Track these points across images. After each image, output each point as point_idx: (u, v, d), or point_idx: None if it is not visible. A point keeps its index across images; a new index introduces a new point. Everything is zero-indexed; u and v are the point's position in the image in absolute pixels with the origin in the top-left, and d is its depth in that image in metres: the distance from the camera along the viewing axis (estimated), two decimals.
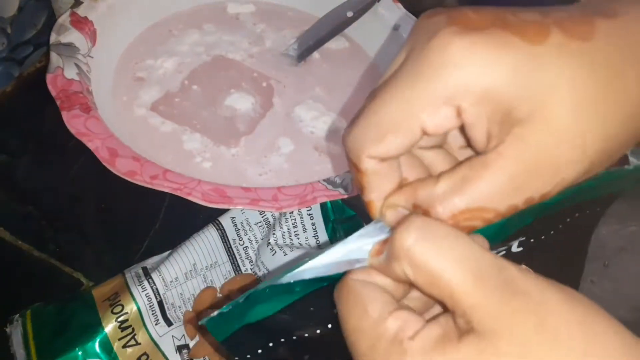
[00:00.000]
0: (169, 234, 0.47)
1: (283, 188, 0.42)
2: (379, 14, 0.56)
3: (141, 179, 0.40)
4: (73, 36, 0.48)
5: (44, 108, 0.49)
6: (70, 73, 0.45)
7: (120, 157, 0.41)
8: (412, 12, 0.56)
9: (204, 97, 0.51)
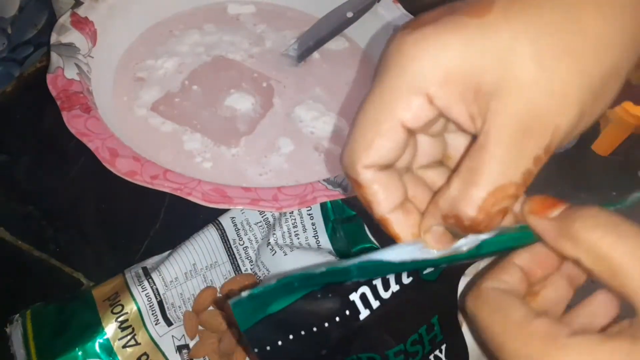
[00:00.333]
0: (169, 234, 0.47)
1: (283, 188, 0.42)
2: (379, 14, 0.56)
3: (141, 179, 0.40)
4: (73, 36, 0.48)
5: (44, 108, 0.49)
6: (71, 73, 0.45)
7: (120, 157, 0.41)
8: (412, 12, 0.56)
9: (204, 98, 0.51)
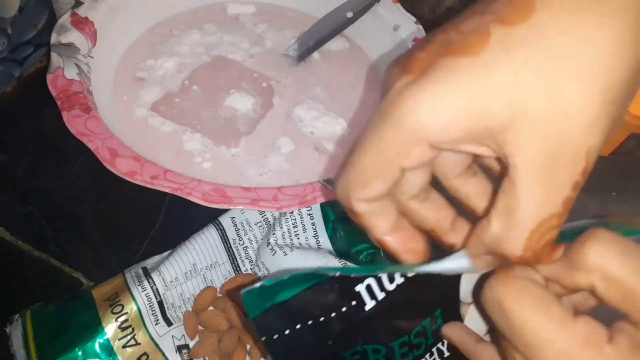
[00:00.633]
0: (169, 234, 0.47)
1: (283, 188, 0.42)
2: (379, 14, 0.56)
3: (141, 179, 0.40)
4: (73, 36, 0.48)
5: (44, 108, 0.49)
6: (71, 73, 0.45)
7: (120, 157, 0.41)
8: (412, 12, 0.56)
9: (205, 98, 0.51)
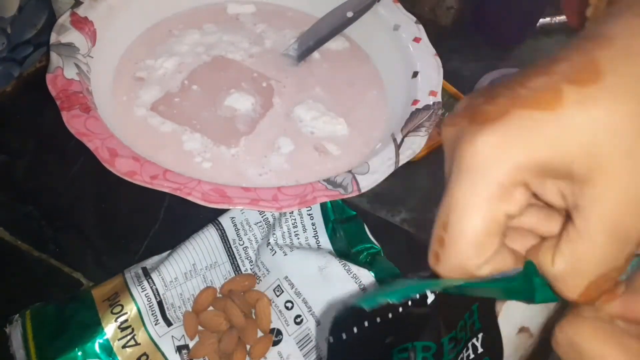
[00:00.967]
0: (169, 234, 0.47)
1: (283, 188, 0.42)
2: (379, 14, 0.56)
3: (141, 179, 0.40)
4: (73, 36, 0.48)
5: (44, 108, 0.49)
6: (70, 73, 0.45)
7: (120, 157, 0.41)
8: (412, 12, 0.56)
9: (204, 97, 0.51)
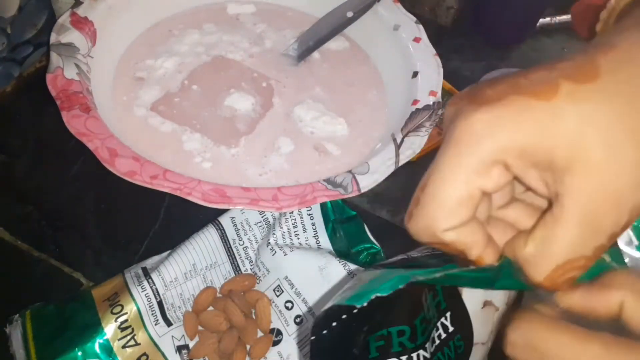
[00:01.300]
0: (169, 234, 0.47)
1: (283, 188, 0.42)
2: (379, 14, 0.56)
3: (141, 179, 0.40)
4: (73, 36, 0.48)
5: (44, 108, 0.49)
6: (70, 73, 0.45)
7: (120, 157, 0.41)
8: (412, 12, 0.56)
9: (204, 97, 0.51)
